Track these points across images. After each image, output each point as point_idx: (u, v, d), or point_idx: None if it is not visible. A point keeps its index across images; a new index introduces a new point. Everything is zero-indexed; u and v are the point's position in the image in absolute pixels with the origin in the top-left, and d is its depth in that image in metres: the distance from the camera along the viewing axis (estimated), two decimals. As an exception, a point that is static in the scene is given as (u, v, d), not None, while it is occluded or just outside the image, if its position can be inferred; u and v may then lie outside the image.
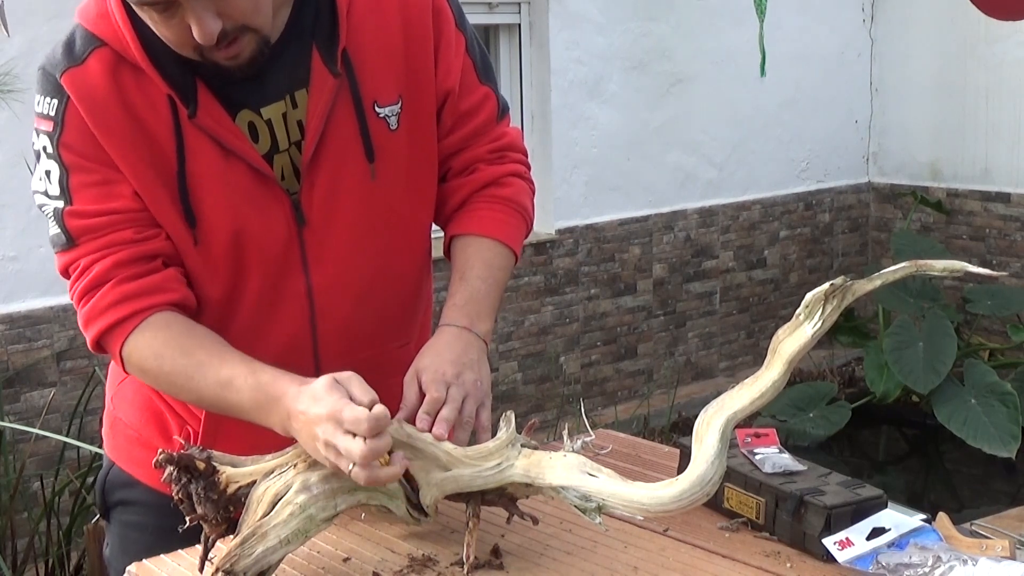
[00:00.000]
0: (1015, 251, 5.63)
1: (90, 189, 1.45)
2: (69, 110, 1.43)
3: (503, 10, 4.87)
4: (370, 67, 1.49)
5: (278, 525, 1.26)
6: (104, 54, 1.43)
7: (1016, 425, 4.61)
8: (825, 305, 1.19)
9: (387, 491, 1.35)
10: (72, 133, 1.43)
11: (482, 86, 1.63)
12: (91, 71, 1.43)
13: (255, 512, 1.28)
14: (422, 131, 1.56)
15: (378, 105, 1.51)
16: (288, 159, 1.50)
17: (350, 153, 1.50)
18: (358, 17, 1.48)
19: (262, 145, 1.48)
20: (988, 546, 1.32)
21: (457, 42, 1.58)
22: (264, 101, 1.47)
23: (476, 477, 1.33)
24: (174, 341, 1.44)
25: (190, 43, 1.36)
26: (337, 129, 1.49)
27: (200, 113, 1.43)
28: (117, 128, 1.43)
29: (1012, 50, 5.50)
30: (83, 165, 1.44)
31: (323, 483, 1.30)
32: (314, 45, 1.47)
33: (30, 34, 3.57)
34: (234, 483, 1.31)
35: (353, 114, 1.49)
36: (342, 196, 1.51)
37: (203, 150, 1.45)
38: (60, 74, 1.44)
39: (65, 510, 3.42)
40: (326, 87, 1.47)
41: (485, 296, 1.54)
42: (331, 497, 1.30)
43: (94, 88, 1.43)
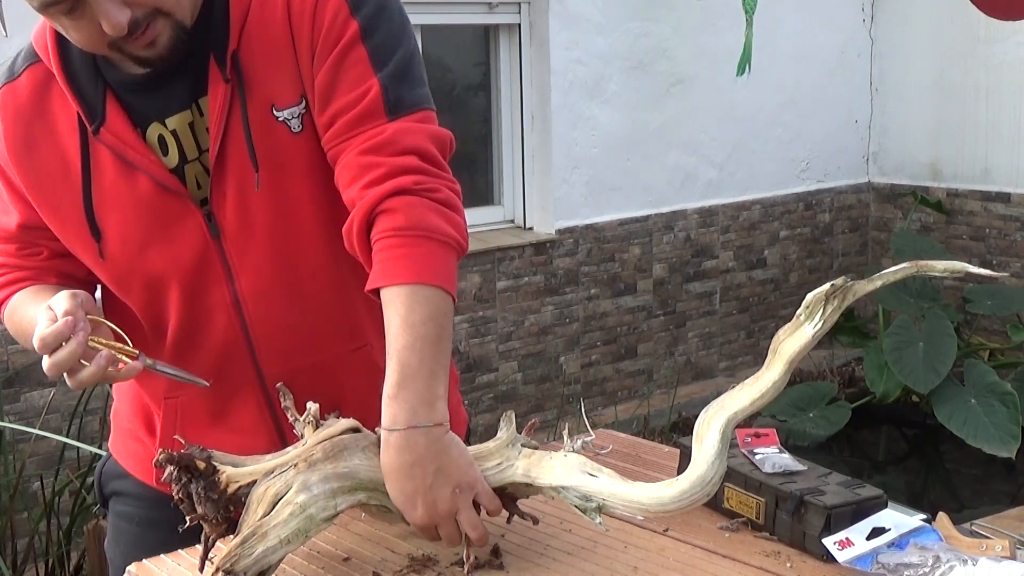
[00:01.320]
0: (1015, 251, 5.63)
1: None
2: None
3: (503, 10, 4.87)
4: (262, 70, 1.44)
5: (278, 525, 1.26)
6: (37, 70, 1.48)
7: (1016, 425, 4.61)
8: (826, 305, 1.19)
9: (387, 491, 1.35)
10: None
11: (371, 78, 1.43)
12: (22, 87, 1.48)
13: (255, 512, 1.28)
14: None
15: (276, 108, 1.44)
16: (201, 168, 1.48)
17: (242, 160, 1.45)
18: (251, 20, 1.44)
19: (171, 158, 1.46)
20: (988, 546, 1.32)
21: (353, 32, 1.43)
22: (168, 112, 1.46)
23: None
24: (18, 309, 1.52)
25: (104, 39, 1.34)
26: (235, 136, 1.45)
27: (103, 130, 1.43)
28: (35, 145, 1.46)
29: (1012, 50, 5.50)
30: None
31: (323, 483, 1.30)
32: (212, 55, 1.43)
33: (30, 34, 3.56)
34: (234, 483, 1.31)
35: (240, 121, 1.44)
36: (249, 203, 1.47)
37: (108, 166, 1.45)
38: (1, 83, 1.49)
39: (65, 510, 3.42)
40: (219, 93, 1.43)
41: (418, 370, 1.30)
42: (331, 497, 1.30)
43: (20, 104, 1.47)
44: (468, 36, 5.08)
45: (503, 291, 4.83)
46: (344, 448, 1.34)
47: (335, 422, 1.38)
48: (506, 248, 4.83)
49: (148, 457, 1.56)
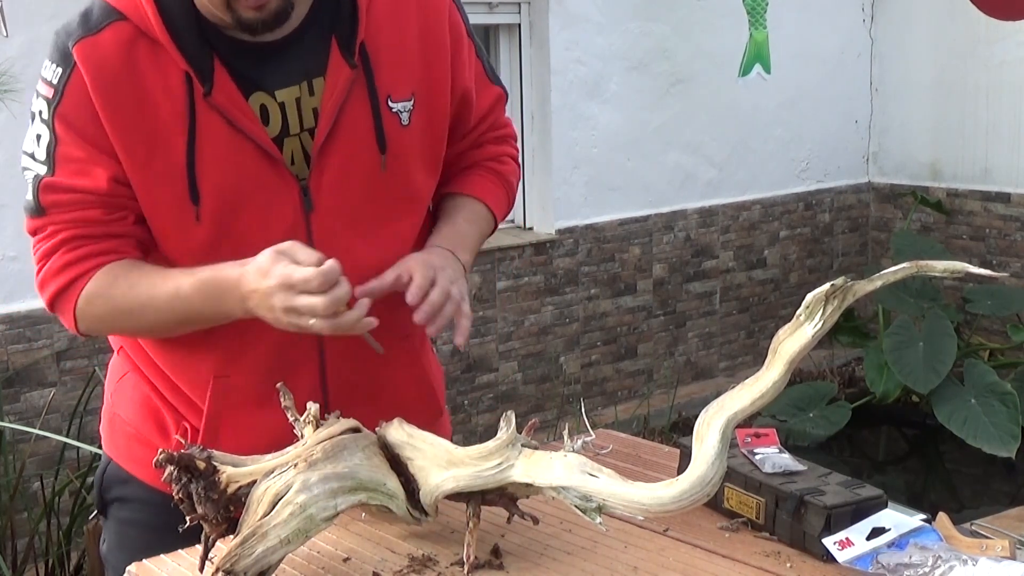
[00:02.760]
0: (1015, 251, 5.63)
1: (71, 164, 1.47)
2: (73, 81, 1.44)
3: (503, 10, 4.87)
4: (386, 62, 1.53)
5: (278, 525, 1.26)
6: (122, 28, 1.44)
7: (1016, 425, 4.61)
8: (826, 306, 1.19)
9: (387, 491, 1.35)
10: (70, 105, 1.45)
11: (493, 87, 1.72)
12: (105, 43, 1.44)
13: (255, 512, 1.28)
14: (433, 130, 1.61)
15: (391, 100, 1.54)
16: (299, 144, 1.52)
17: (362, 143, 1.53)
18: (377, 14, 1.52)
19: (272, 128, 1.50)
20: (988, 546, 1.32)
21: (469, 48, 1.64)
22: (279, 84, 1.49)
23: (476, 477, 1.33)
24: (120, 280, 1.48)
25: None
26: (350, 119, 1.51)
27: (215, 91, 1.45)
28: (123, 102, 1.44)
29: (1012, 50, 5.50)
30: (72, 139, 1.46)
31: (323, 483, 1.30)
32: (333, 36, 1.50)
33: (30, 34, 3.57)
34: (234, 483, 1.31)
35: (368, 105, 1.52)
36: (351, 184, 1.53)
37: (214, 129, 1.47)
38: (73, 43, 1.44)
39: (65, 510, 3.42)
40: (342, 76, 1.50)
41: (468, 235, 1.64)
42: (331, 497, 1.30)
43: (105, 60, 1.43)
44: (468, 36, 5.08)
45: (503, 291, 4.83)
46: (344, 448, 1.34)
47: (335, 422, 1.38)
48: (506, 248, 4.83)
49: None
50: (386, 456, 1.38)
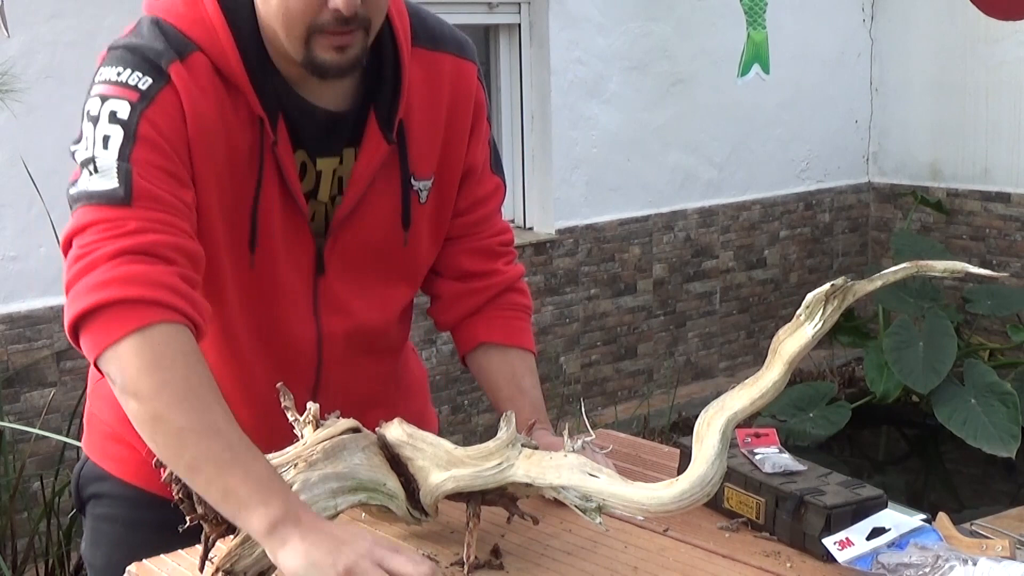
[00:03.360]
0: (1015, 251, 5.63)
1: (156, 171, 1.32)
2: (166, 92, 1.34)
3: (503, 10, 4.87)
4: (416, 141, 1.53)
5: None
6: (200, 60, 1.38)
7: (1016, 425, 4.60)
8: (826, 306, 1.19)
9: (387, 491, 1.35)
10: (160, 113, 1.33)
11: (494, 176, 1.69)
12: (194, 70, 1.37)
13: None
14: (444, 206, 1.61)
15: (415, 178, 1.55)
16: (323, 209, 1.52)
17: (385, 218, 1.54)
18: (413, 91, 1.51)
19: (304, 184, 1.50)
20: (988, 546, 1.32)
21: (485, 131, 1.65)
22: (321, 151, 1.48)
23: (477, 477, 1.33)
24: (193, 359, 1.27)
25: (312, 14, 1.33)
26: (377, 193, 1.52)
27: (279, 145, 1.43)
28: (209, 134, 1.38)
29: (1012, 50, 5.50)
30: (159, 145, 1.33)
31: (323, 483, 1.30)
32: (372, 108, 1.48)
33: (30, 34, 3.57)
34: None
35: (397, 182, 1.53)
36: (366, 255, 1.54)
37: (273, 179, 1.45)
38: (167, 63, 1.35)
39: (65, 510, 3.41)
40: (379, 151, 1.49)
41: (542, 405, 1.65)
42: (331, 497, 1.30)
43: (196, 86, 1.36)
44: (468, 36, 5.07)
45: (503, 291, 4.82)
46: (344, 448, 1.34)
47: (335, 422, 1.38)
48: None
49: (132, 459, 1.56)
50: (386, 456, 1.38)
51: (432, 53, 1.54)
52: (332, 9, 1.34)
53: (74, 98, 3.98)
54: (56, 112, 3.64)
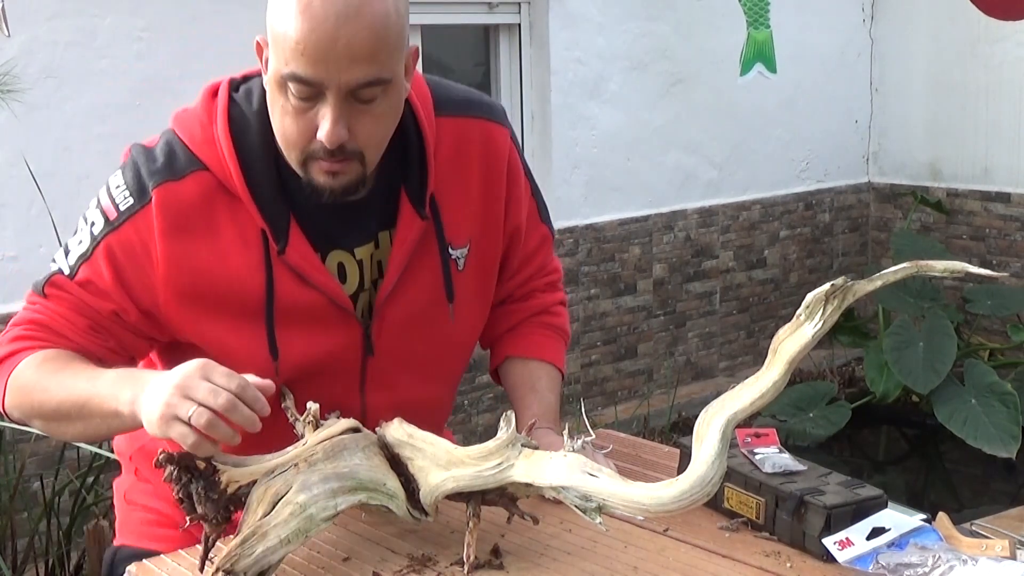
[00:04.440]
0: (1015, 251, 5.63)
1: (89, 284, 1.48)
2: (139, 216, 1.45)
3: (503, 10, 4.87)
4: (449, 211, 1.56)
5: (278, 525, 1.26)
6: (204, 177, 1.46)
7: (1016, 425, 4.60)
8: (826, 306, 1.19)
9: (387, 491, 1.35)
10: (124, 238, 1.46)
11: (542, 225, 1.74)
12: (186, 190, 1.45)
13: (255, 512, 1.28)
14: (485, 273, 1.65)
15: (451, 247, 1.58)
16: (368, 297, 1.55)
17: (428, 293, 1.57)
18: (442, 161, 1.54)
19: (349, 286, 1.53)
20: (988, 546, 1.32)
21: (525, 186, 1.68)
22: (357, 242, 1.52)
23: (476, 477, 1.33)
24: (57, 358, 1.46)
25: (305, 140, 1.40)
26: (417, 269, 1.55)
27: (289, 250, 1.47)
28: (197, 249, 1.45)
29: (1012, 50, 5.49)
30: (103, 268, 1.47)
31: (323, 483, 1.30)
32: (403, 187, 1.52)
33: (30, 34, 3.57)
34: (235, 482, 1.31)
35: (436, 255, 1.56)
36: (412, 331, 1.57)
37: (289, 285, 1.49)
38: (154, 184, 1.45)
39: (65, 510, 3.41)
40: (413, 229, 1.52)
41: (555, 407, 1.71)
42: (331, 497, 1.30)
43: (183, 206, 1.45)
44: (468, 36, 5.07)
45: (503, 291, 4.83)
46: (344, 448, 1.34)
47: (335, 422, 1.38)
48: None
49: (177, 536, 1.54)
50: (386, 456, 1.38)
51: (460, 119, 1.57)
52: (319, 140, 1.39)
53: (74, 98, 4.01)
54: (56, 112, 3.64)
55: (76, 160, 3.70)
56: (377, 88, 1.39)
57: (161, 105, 3.90)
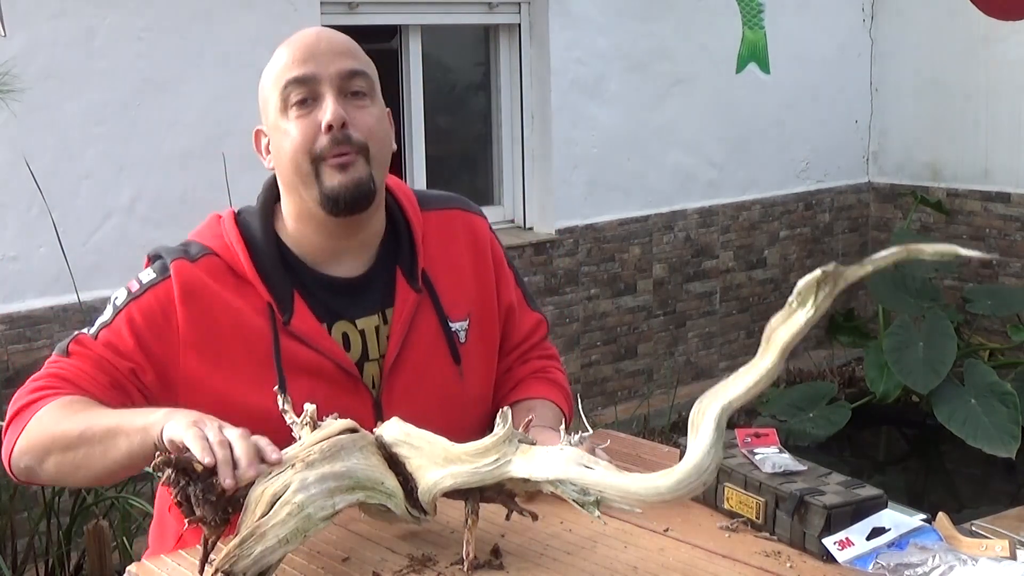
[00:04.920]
0: (1015, 251, 5.63)
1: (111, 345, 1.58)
2: (161, 287, 1.60)
3: (503, 10, 4.87)
4: (444, 287, 1.71)
5: (276, 525, 1.26)
6: (214, 261, 1.62)
7: (1016, 425, 4.61)
8: (817, 292, 1.18)
9: (385, 489, 1.35)
10: (145, 305, 1.60)
11: (533, 313, 1.88)
12: (200, 268, 1.61)
13: (253, 512, 1.28)
14: (487, 344, 1.77)
15: (450, 321, 1.71)
16: (377, 367, 1.66)
17: (433, 359, 1.69)
18: (431, 245, 1.72)
19: (353, 353, 1.65)
20: (988, 546, 1.32)
21: (509, 275, 1.84)
22: (359, 314, 1.65)
23: (474, 474, 1.33)
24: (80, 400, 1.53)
25: (312, 141, 1.56)
26: (419, 338, 1.67)
27: (294, 320, 1.61)
28: (212, 315, 1.60)
29: (1012, 50, 5.50)
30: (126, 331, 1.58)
31: (321, 483, 1.30)
32: (398, 268, 1.69)
33: (30, 34, 3.57)
34: None
35: (436, 324, 1.69)
36: (421, 396, 1.66)
37: (295, 351, 1.61)
38: (171, 260, 1.61)
39: (65, 510, 3.41)
40: (408, 301, 1.67)
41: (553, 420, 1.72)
42: (329, 496, 1.30)
43: (197, 280, 1.60)
44: (468, 36, 5.07)
45: (503, 291, 4.82)
46: (341, 448, 1.34)
47: (332, 423, 1.38)
48: (506, 248, 4.81)
49: None
50: (384, 455, 1.38)
51: (442, 212, 1.77)
52: (324, 127, 1.55)
53: (74, 98, 4.01)
54: (56, 112, 3.64)
55: (76, 160, 3.70)
56: (363, 82, 1.60)
57: (161, 105, 3.95)
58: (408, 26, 4.65)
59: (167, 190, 3.85)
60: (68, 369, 1.58)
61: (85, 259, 3.65)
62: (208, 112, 3.88)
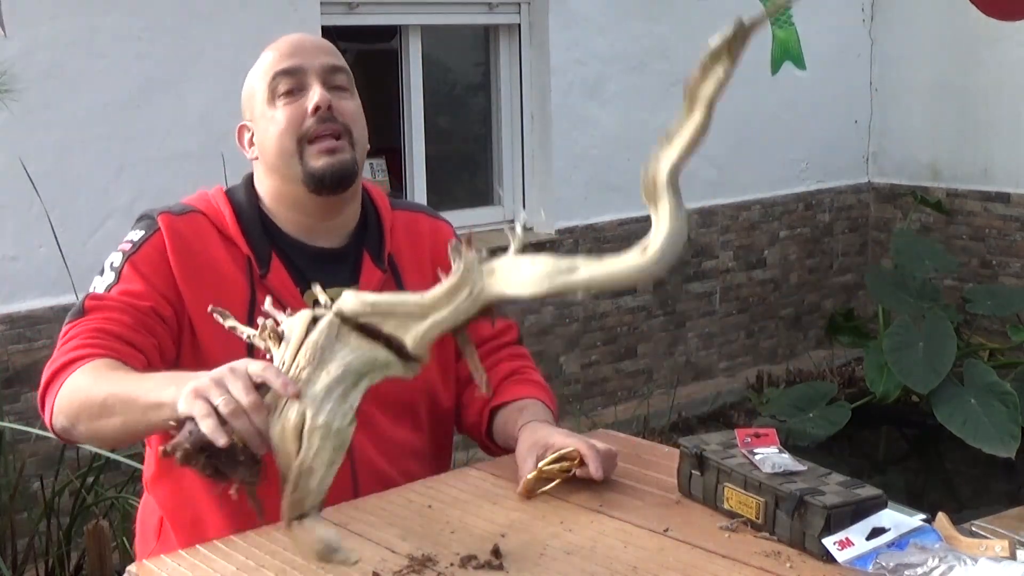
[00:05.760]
0: (1015, 251, 5.63)
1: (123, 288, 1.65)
2: (153, 239, 1.68)
3: (503, 10, 4.87)
4: (408, 276, 1.80)
5: (316, 454, 1.25)
6: (198, 219, 1.72)
7: (1016, 425, 4.60)
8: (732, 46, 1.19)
9: (381, 363, 1.32)
10: (144, 255, 1.67)
11: (503, 320, 1.97)
12: (184, 223, 1.71)
13: (287, 452, 1.26)
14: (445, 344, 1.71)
15: None
16: None
17: None
18: (399, 239, 1.83)
19: None
20: (988, 546, 1.32)
21: None
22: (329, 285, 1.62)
23: (455, 312, 1.31)
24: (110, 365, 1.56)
25: (298, 126, 1.67)
26: None
27: (270, 275, 1.71)
28: (199, 274, 1.68)
29: (1012, 50, 5.50)
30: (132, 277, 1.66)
31: (329, 394, 1.28)
32: (365, 249, 1.79)
33: (30, 34, 3.57)
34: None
35: None
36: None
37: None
38: (158, 213, 1.71)
39: (65, 510, 3.41)
40: (374, 279, 1.76)
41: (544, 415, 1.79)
42: (343, 401, 1.28)
43: (187, 234, 1.69)
44: (468, 36, 5.08)
45: (503, 291, 4.82)
46: (321, 349, 1.31)
47: (291, 322, 1.35)
48: (506, 248, 4.81)
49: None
50: (355, 328, 1.34)
51: (410, 213, 1.89)
52: (311, 109, 1.67)
53: (74, 98, 4.00)
54: (56, 112, 3.64)
55: (76, 160, 3.70)
56: (344, 77, 1.73)
57: (161, 105, 3.95)
58: (408, 26, 4.65)
59: (167, 190, 3.84)
60: (95, 322, 1.61)
61: (84, 259, 3.64)
62: (208, 112, 3.88)
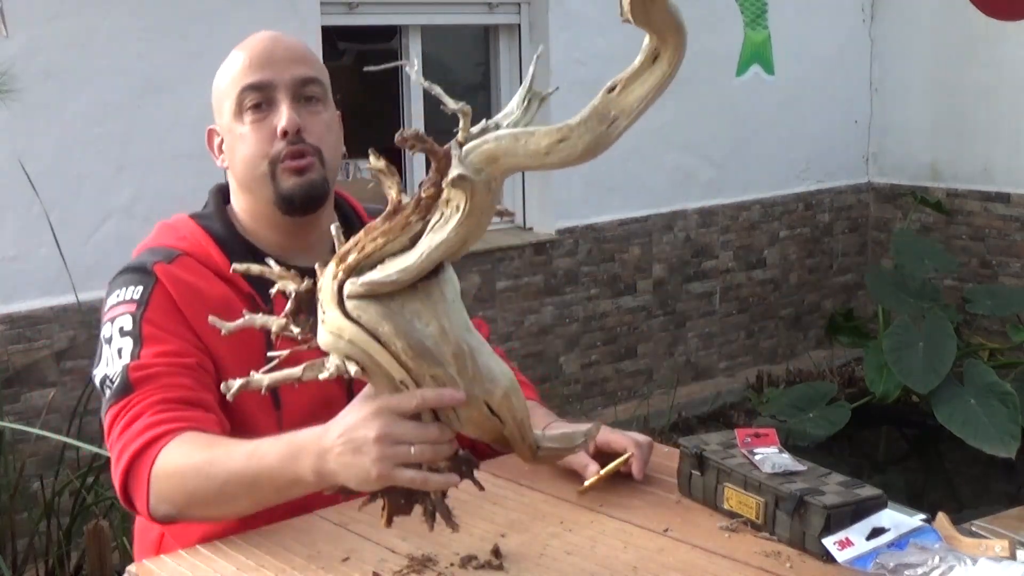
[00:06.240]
0: (1015, 251, 5.63)
1: (157, 348, 1.55)
2: (156, 290, 1.59)
3: (503, 10, 4.87)
4: None
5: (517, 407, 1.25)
6: (188, 260, 1.63)
7: (1016, 425, 4.61)
8: None
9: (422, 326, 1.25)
10: (156, 310, 1.58)
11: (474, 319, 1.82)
12: (181, 268, 1.62)
13: (493, 430, 1.25)
14: None
15: None
16: None
17: None
18: None
19: None
20: (988, 546, 1.32)
21: None
22: None
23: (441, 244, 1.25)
24: (199, 443, 1.47)
25: (268, 147, 1.61)
26: None
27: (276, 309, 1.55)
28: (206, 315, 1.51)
29: (1012, 50, 5.50)
30: (159, 336, 1.56)
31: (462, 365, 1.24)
32: None
33: (30, 34, 3.57)
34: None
35: None
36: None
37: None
38: (151, 264, 1.61)
39: (65, 510, 3.41)
40: None
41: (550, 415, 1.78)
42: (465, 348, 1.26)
43: (185, 279, 1.61)
44: (468, 36, 5.08)
45: (503, 291, 4.83)
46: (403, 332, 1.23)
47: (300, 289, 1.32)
48: (506, 248, 4.82)
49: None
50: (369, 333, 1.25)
51: None
52: (280, 132, 1.60)
53: (74, 98, 4.00)
54: (56, 112, 3.64)
55: (75, 160, 3.70)
56: (317, 88, 1.65)
57: (161, 105, 3.94)
58: (408, 26, 4.65)
59: (167, 190, 3.84)
60: (155, 393, 1.52)
61: (84, 259, 3.65)
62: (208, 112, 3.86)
